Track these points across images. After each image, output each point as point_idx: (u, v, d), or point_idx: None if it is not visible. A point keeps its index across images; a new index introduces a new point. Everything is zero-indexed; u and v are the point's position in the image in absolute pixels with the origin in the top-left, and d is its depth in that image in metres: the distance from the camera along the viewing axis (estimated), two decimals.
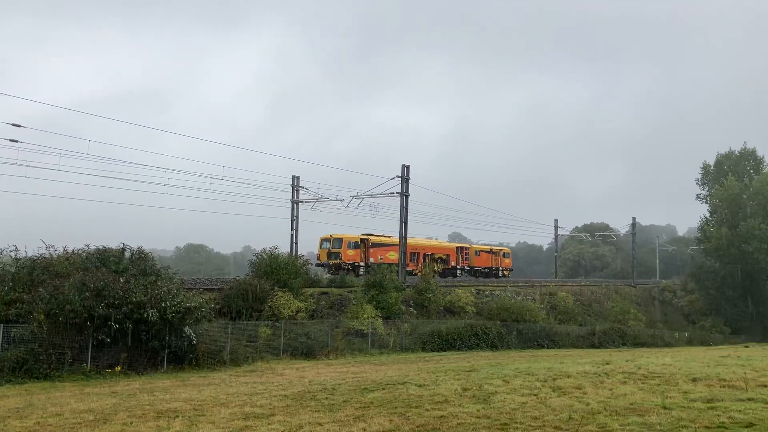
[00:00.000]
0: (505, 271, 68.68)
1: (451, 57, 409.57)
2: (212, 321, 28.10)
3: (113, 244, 30.04)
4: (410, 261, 55.00)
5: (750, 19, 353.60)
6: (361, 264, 52.06)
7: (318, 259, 53.37)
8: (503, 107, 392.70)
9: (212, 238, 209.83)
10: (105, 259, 27.81)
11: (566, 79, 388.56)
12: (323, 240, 53.24)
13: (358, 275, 49.95)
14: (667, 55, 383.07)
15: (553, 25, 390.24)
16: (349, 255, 51.82)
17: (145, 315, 23.28)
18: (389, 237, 55.64)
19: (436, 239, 66.51)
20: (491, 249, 70.69)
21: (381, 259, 52.84)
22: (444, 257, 60.90)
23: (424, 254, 58.44)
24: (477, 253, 66.06)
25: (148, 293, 23.99)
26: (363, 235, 54.34)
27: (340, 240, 52.29)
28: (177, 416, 12.69)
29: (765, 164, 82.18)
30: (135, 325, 23.49)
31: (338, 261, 51.16)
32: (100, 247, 29.12)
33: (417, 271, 54.90)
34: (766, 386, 13.85)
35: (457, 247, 64.67)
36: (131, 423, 12.23)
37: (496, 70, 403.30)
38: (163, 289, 24.71)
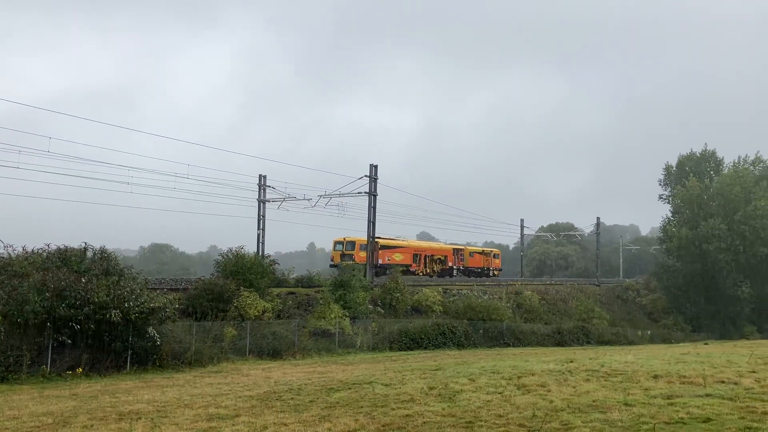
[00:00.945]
0: (495, 271, 73.25)
1: (423, 57, 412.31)
2: (177, 321, 27.77)
3: (75, 243, 29.49)
4: (413, 262, 60.26)
5: (713, 23, 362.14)
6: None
7: (332, 260, 56.14)
8: (473, 107, 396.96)
9: (178, 238, 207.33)
10: (66, 259, 27.23)
11: (535, 80, 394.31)
12: (336, 242, 56.79)
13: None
14: (633, 57, 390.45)
15: (524, 26, 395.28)
16: (361, 256, 53.97)
17: (108, 316, 22.91)
18: (395, 240, 60.60)
19: (401, 238, 67.39)
20: (483, 251, 75.79)
21: (389, 260, 57.22)
22: (442, 258, 65.09)
23: (425, 256, 62.88)
24: (471, 254, 70.33)
25: (111, 293, 23.62)
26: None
27: (353, 243, 55.66)
28: (139, 418, 12.50)
29: (725, 165, 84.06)
30: (97, 325, 23.10)
31: (351, 262, 52.84)
32: (61, 246, 28.51)
33: (420, 271, 60.68)
34: (723, 382, 14.16)
35: (454, 249, 68.46)
36: (92, 426, 12.01)
37: (467, 70, 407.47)
38: (127, 289, 24.36)
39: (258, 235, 51.55)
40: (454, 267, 66.59)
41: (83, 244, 29.19)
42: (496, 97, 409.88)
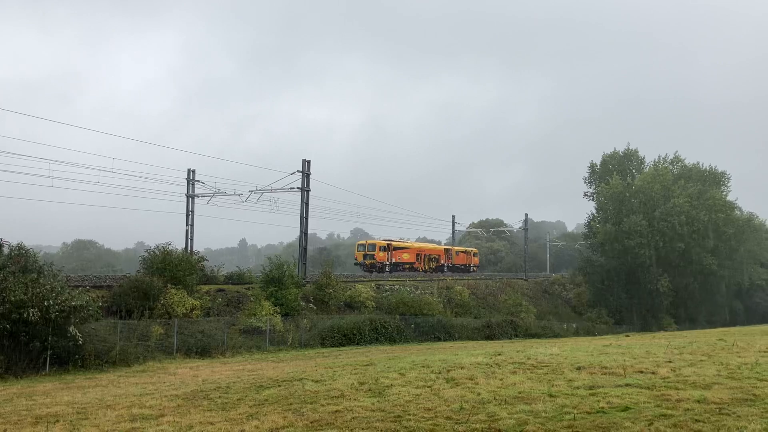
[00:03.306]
0: (474, 267, 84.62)
1: (368, 55, 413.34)
2: (100, 320, 26.86)
3: None
4: (416, 260, 72.41)
5: (647, 25, 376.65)
6: (387, 263, 66.96)
7: (356, 259, 70.21)
8: (416, 106, 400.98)
9: (103, 234, 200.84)
10: None
11: (476, 80, 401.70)
12: (359, 245, 71.08)
13: (384, 271, 65.43)
14: (570, 58, 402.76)
15: (468, 26, 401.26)
16: (380, 256, 66.71)
17: (25, 315, 21.94)
18: (404, 242, 75.30)
19: (408, 240, 78.74)
20: (465, 250, 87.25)
21: (399, 258, 69.45)
22: (437, 257, 76.95)
23: (425, 255, 74.62)
24: (457, 253, 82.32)
25: (29, 292, 22.63)
26: (386, 240, 70.72)
27: (373, 245, 68.51)
28: (57, 421, 12.00)
29: (646, 164, 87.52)
30: (13, 325, 22.08)
31: (372, 261, 66.14)
32: None
33: (421, 267, 72.18)
34: (642, 372, 14.71)
35: (445, 249, 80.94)
36: (5, 430, 11.44)
37: (411, 68, 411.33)
38: (46, 287, 23.37)
39: (186, 231, 50.45)
40: (445, 264, 77.33)
41: None
42: (439, 96, 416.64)
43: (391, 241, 71.43)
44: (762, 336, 29.85)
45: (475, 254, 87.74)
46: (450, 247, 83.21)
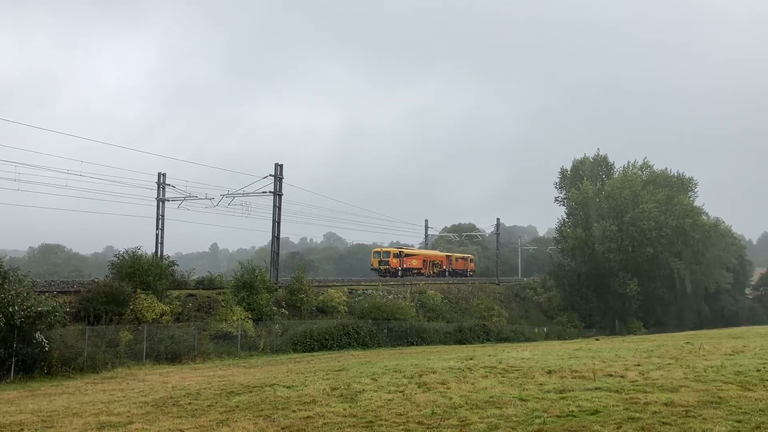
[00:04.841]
0: (470, 272, 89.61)
1: (347, 60, 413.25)
2: (67, 326, 26.40)
3: None
4: (423, 266, 77.99)
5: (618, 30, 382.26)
6: (399, 268, 72.32)
7: (372, 265, 74.35)
8: (394, 111, 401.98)
9: (71, 239, 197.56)
10: None
11: (454, 86, 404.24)
12: (374, 252, 76.53)
13: (397, 275, 70.14)
14: (546, 67, 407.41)
15: (445, 33, 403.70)
16: (394, 262, 72.39)
17: None
18: (414, 249, 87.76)
19: (416, 247, 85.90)
20: (463, 256, 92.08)
21: (409, 265, 74.89)
22: (439, 263, 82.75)
23: (430, 261, 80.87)
24: (456, 259, 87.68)
25: None
26: (398, 248, 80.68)
27: (387, 252, 75.72)
28: (22, 429, 11.78)
29: (615, 170, 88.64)
30: None
31: (387, 267, 71.66)
32: None
33: (426, 272, 77.41)
34: (611, 376, 14.89)
35: (446, 256, 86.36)
36: None
37: (389, 74, 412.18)
38: (11, 293, 22.90)
39: (157, 235, 49.82)
40: (446, 269, 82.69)
41: None
42: (416, 101, 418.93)
43: (402, 248, 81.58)
44: (728, 339, 30.42)
45: (471, 260, 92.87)
46: (450, 254, 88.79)
